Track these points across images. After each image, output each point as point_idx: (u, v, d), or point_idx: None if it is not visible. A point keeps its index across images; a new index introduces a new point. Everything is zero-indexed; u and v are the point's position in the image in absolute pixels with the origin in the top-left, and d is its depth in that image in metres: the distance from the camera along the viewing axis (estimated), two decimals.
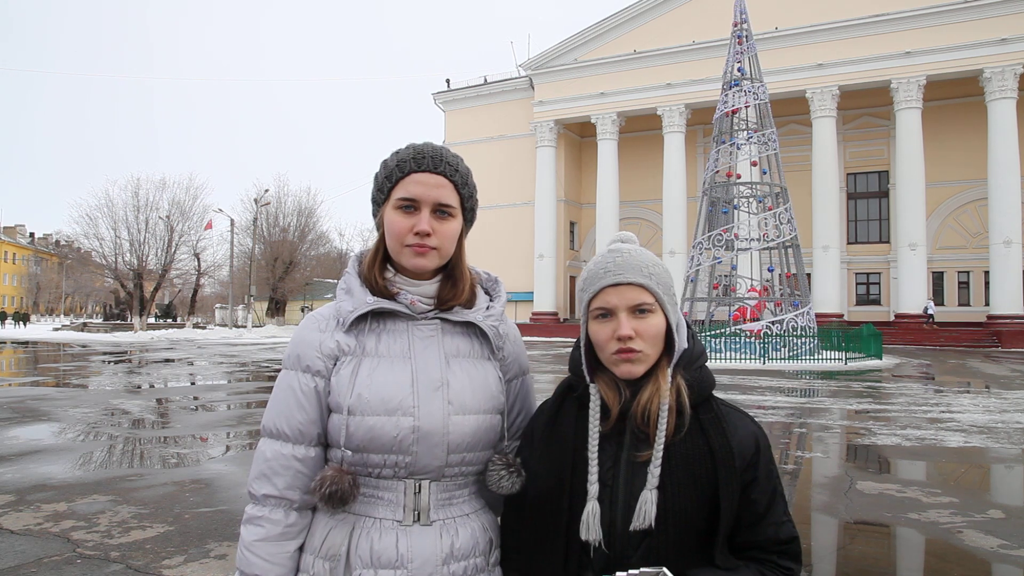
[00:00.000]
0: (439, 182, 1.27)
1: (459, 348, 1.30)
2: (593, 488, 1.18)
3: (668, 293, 1.22)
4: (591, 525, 1.16)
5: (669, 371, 1.21)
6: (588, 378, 1.24)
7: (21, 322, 53.17)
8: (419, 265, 1.26)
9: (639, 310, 1.19)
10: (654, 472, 1.16)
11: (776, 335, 20.69)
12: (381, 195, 1.30)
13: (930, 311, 31.96)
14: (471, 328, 1.32)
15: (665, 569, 1.10)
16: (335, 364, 1.26)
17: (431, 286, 1.30)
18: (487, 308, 1.34)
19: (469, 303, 1.32)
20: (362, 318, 1.27)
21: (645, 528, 1.14)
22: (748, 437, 1.21)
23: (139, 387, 13.33)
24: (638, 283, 1.19)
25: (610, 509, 1.18)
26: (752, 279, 22.80)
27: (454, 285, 1.31)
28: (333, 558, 1.22)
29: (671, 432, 1.18)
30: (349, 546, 1.22)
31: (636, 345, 1.18)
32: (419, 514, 1.23)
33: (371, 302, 1.26)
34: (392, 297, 1.28)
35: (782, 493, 1.23)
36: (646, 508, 1.14)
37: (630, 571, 1.10)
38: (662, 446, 1.17)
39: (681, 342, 1.23)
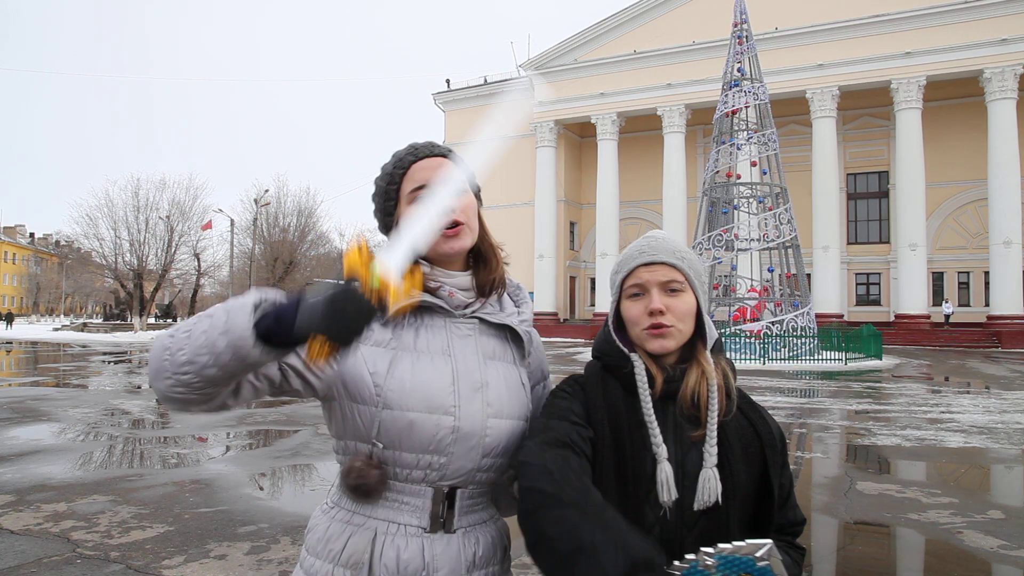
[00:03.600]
0: (440, 163, 1.28)
1: (494, 350, 1.29)
2: (661, 449, 1.17)
3: (699, 278, 1.28)
4: (668, 486, 1.14)
5: (708, 353, 1.25)
6: (625, 350, 1.26)
7: (6, 322, 51.43)
8: (456, 247, 1.24)
9: (670, 288, 1.24)
10: (711, 451, 1.17)
11: (776, 335, 20.69)
12: (391, 203, 1.29)
13: (947, 311, 32.45)
14: (505, 331, 1.31)
15: (772, 542, 1.07)
16: (363, 342, 1.20)
17: (465, 278, 1.29)
18: (518, 313, 1.34)
19: (500, 302, 1.33)
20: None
21: (709, 506, 1.15)
22: (775, 424, 1.28)
23: (139, 387, 13.33)
24: (670, 263, 1.25)
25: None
26: (752, 279, 22.80)
27: (487, 265, 1.31)
28: (355, 566, 1.17)
29: (723, 413, 1.20)
30: (372, 554, 1.17)
31: (667, 320, 1.22)
32: (444, 521, 1.20)
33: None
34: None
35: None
36: (709, 486, 1.14)
37: (735, 542, 1.07)
38: (715, 425, 1.18)
39: (711, 328, 1.27)
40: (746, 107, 22.90)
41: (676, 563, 1.07)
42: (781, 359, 20.04)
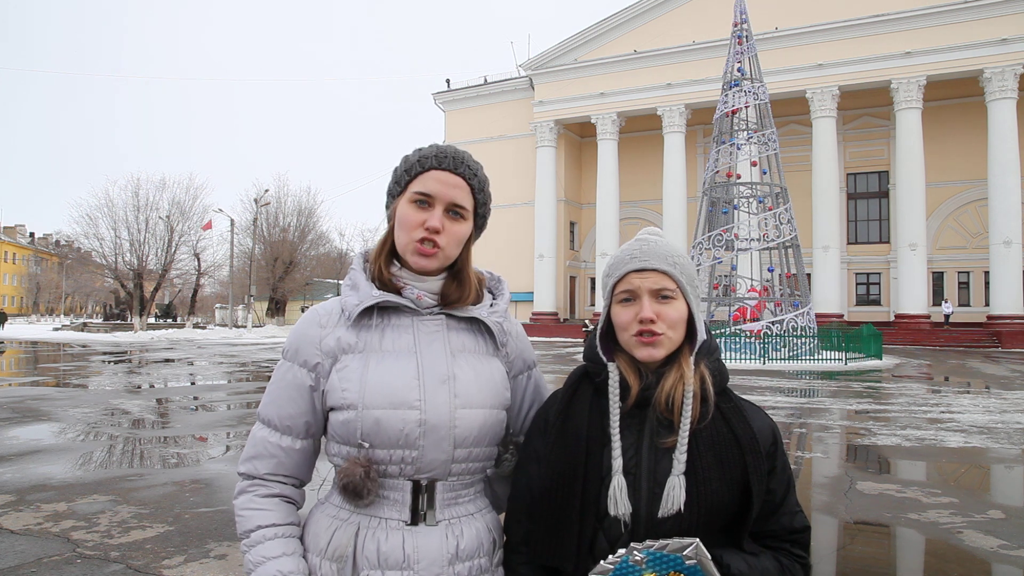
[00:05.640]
0: (457, 182, 1.28)
1: (464, 344, 1.30)
2: (617, 463, 1.17)
3: (691, 283, 1.25)
4: (619, 500, 1.15)
5: (692, 358, 1.23)
6: (605, 358, 1.26)
7: None
8: (420, 265, 1.27)
9: (662, 295, 1.22)
10: (680, 458, 1.16)
11: (776, 335, 20.68)
12: (398, 187, 1.31)
13: (946, 311, 32.61)
14: (476, 324, 1.33)
15: (699, 541, 1.09)
16: (334, 362, 1.26)
17: (436, 283, 1.30)
18: (491, 305, 1.35)
19: (474, 302, 1.33)
20: (367, 312, 1.27)
21: (673, 514, 1.14)
22: (766, 428, 1.25)
23: (139, 387, 13.33)
24: (662, 270, 1.22)
25: (633, 497, 1.17)
26: (752, 279, 22.79)
27: (460, 286, 1.31)
28: (340, 559, 1.21)
29: (696, 419, 1.19)
30: (355, 547, 1.21)
31: (657, 328, 1.20)
32: (425, 514, 1.23)
33: (377, 295, 1.26)
34: (398, 291, 1.28)
35: (794, 484, 1.27)
36: (674, 493, 1.14)
37: (661, 540, 1.10)
38: (687, 432, 1.17)
39: (700, 332, 1.26)
40: (746, 107, 22.88)
41: (610, 556, 1.11)
42: (781, 359, 20.04)
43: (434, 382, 1.23)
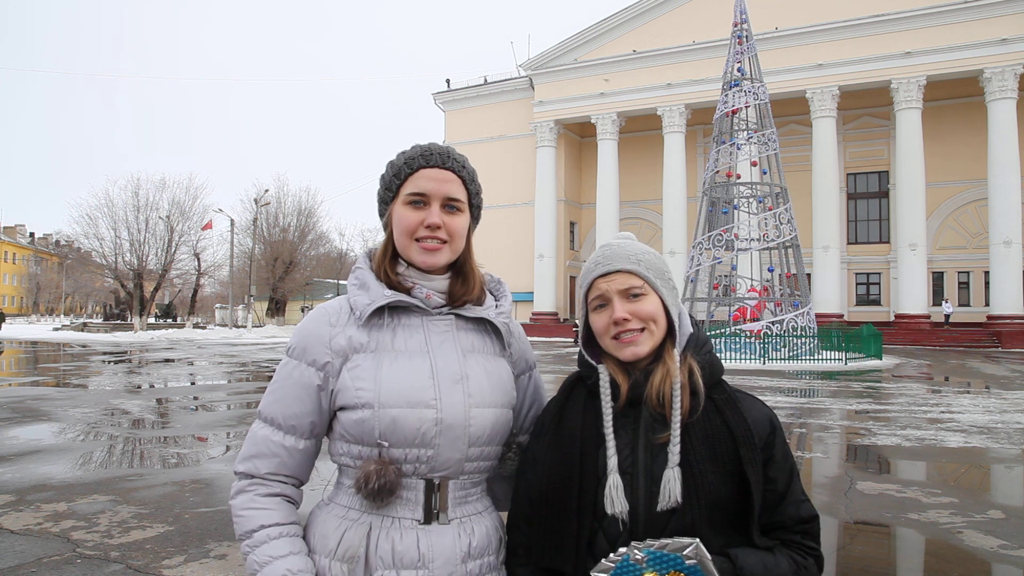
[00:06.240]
0: (448, 177, 1.28)
1: (473, 344, 1.31)
2: (612, 461, 1.17)
3: (661, 277, 1.26)
4: (615, 498, 1.15)
5: (676, 352, 1.23)
6: (594, 362, 1.27)
7: None
8: (429, 262, 1.27)
9: (631, 294, 1.23)
10: (674, 451, 1.16)
11: (776, 335, 20.68)
12: (389, 193, 1.31)
13: (946, 311, 32.69)
14: (483, 325, 1.34)
15: (699, 541, 1.09)
16: (344, 361, 1.25)
17: (443, 281, 1.31)
18: (496, 306, 1.36)
19: (479, 301, 1.34)
20: (378, 312, 1.27)
21: (671, 507, 1.14)
22: (762, 418, 1.24)
23: (139, 387, 13.33)
24: (626, 269, 1.24)
25: (631, 495, 1.17)
26: (752, 279, 22.79)
27: (465, 282, 1.32)
28: (351, 560, 1.20)
29: (687, 411, 1.19)
30: (368, 547, 1.20)
31: (633, 325, 1.21)
32: (438, 513, 1.23)
33: (388, 295, 1.26)
34: (407, 291, 1.28)
35: (798, 472, 1.26)
36: (670, 486, 1.14)
37: (662, 539, 1.10)
38: (679, 424, 1.18)
39: (685, 326, 1.26)
40: (746, 107, 22.87)
41: (611, 555, 1.12)
42: (781, 359, 20.04)
43: (448, 382, 1.24)
